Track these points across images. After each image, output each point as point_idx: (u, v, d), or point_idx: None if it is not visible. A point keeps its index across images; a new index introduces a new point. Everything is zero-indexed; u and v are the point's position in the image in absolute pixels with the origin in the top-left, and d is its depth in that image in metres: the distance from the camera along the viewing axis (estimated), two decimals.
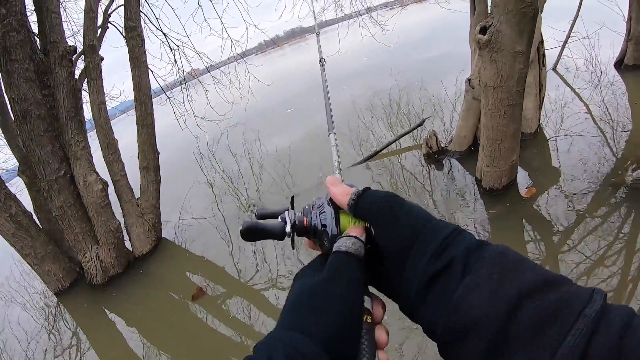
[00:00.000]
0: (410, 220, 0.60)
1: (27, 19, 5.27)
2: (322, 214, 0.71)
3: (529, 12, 3.73)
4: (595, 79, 7.32)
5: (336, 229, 0.69)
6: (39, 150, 5.35)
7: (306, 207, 0.74)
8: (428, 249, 0.56)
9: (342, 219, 0.69)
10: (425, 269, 0.55)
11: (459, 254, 0.53)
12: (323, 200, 0.74)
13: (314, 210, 0.73)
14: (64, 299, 6.20)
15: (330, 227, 0.69)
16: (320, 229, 0.70)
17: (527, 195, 4.59)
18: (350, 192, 0.68)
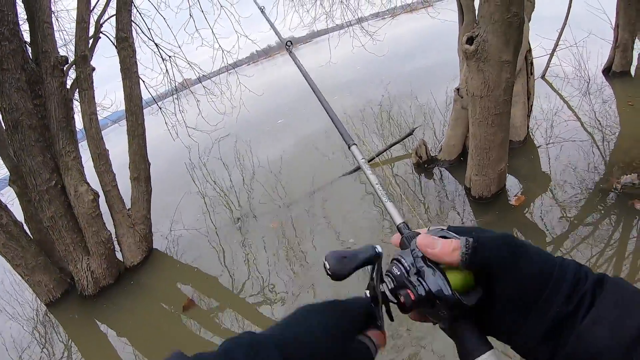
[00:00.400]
0: (537, 265, 0.59)
1: (19, 28, 5.29)
2: (426, 279, 0.61)
3: (515, 22, 3.78)
4: (583, 86, 7.42)
5: (450, 292, 0.59)
6: (30, 160, 5.33)
7: (397, 273, 0.64)
8: (561, 291, 0.56)
9: (451, 277, 0.61)
10: (558, 311, 0.55)
11: (589, 290, 0.55)
12: (410, 260, 0.65)
13: (411, 276, 0.63)
14: (55, 309, 6.15)
15: (446, 292, 0.59)
16: (434, 297, 0.60)
17: (516, 203, 4.63)
18: (455, 245, 0.61)
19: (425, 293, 0.60)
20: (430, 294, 0.60)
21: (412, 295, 0.61)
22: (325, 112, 1.20)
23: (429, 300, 0.60)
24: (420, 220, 4.95)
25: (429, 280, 0.61)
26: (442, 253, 0.61)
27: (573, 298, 0.55)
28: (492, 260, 0.59)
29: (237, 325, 4.40)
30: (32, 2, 5.53)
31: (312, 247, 5.25)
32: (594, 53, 8.04)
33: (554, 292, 0.56)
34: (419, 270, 0.63)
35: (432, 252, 0.62)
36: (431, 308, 0.61)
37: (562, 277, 0.57)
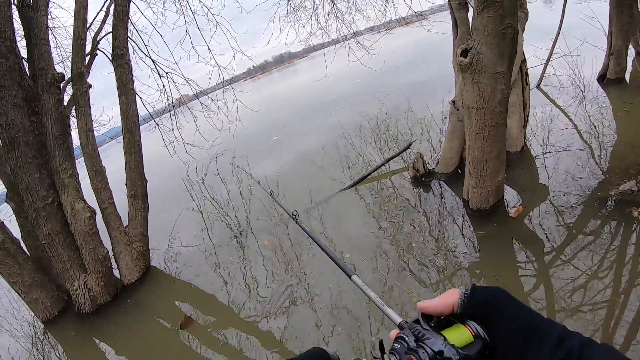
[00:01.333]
0: (527, 314, 0.65)
1: (16, 45, 5.31)
2: (427, 341, 0.66)
3: (509, 34, 3.80)
4: (579, 95, 7.46)
5: (453, 350, 0.63)
6: (26, 177, 5.33)
7: (398, 347, 0.69)
8: (548, 342, 0.60)
9: (449, 335, 0.66)
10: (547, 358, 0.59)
11: (575, 346, 0.58)
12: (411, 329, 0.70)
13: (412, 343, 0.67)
14: (52, 327, 6.11)
15: (448, 349, 0.64)
16: (436, 358, 0.63)
17: (514, 214, 4.62)
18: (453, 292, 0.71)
19: (428, 357, 0.64)
20: (432, 356, 0.63)
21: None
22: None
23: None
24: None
25: (430, 343, 0.65)
26: (437, 304, 0.70)
27: (561, 348, 0.59)
28: (487, 303, 0.67)
29: (235, 342, 4.36)
30: (29, 19, 5.57)
31: (309, 262, 5.23)
32: (589, 61, 8.10)
33: (543, 339, 0.61)
34: (419, 338, 0.67)
35: (432, 304, 0.70)
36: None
37: (550, 329, 0.62)
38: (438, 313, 0.70)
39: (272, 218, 6.94)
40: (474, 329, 0.66)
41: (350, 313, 4.01)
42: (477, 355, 0.63)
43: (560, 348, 0.59)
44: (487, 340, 0.65)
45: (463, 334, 0.65)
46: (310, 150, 10.24)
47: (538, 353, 0.60)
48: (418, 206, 5.65)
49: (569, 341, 0.59)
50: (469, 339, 0.65)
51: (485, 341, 0.65)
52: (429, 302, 0.71)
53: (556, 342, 0.60)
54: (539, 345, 0.61)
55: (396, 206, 5.83)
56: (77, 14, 5.77)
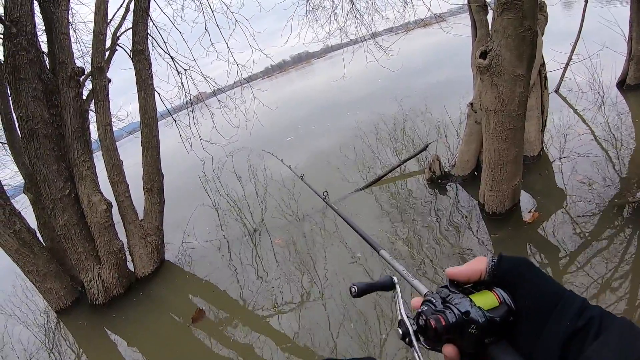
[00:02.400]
0: (551, 284, 0.67)
1: (37, 39, 5.37)
2: (454, 302, 0.67)
3: (528, 36, 3.77)
4: (598, 100, 7.35)
5: (480, 312, 0.65)
6: (44, 169, 5.40)
7: (426, 309, 0.69)
8: (571, 310, 0.62)
9: (476, 299, 0.67)
10: (568, 325, 0.60)
11: (596, 315, 0.60)
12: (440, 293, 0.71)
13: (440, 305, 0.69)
14: (65, 317, 6.19)
15: (474, 310, 0.65)
16: (462, 318, 0.65)
17: (530, 220, 4.57)
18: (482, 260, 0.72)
19: (455, 317, 0.65)
20: (459, 316, 0.65)
21: (442, 320, 0.65)
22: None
23: (458, 324, 0.64)
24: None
25: (456, 304, 0.66)
26: (466, 270, 0.71)
27: (583, 316, 0.60)
28: (513, 271, 0.68)
29: (246, 337, 4.38)
30: (50, 14, 5.64)
31: (323, 261, 5.23)
32: (608, 66, 7.99)
33: (566, 307, 0.62)
34: (446, 300, 0.69)
35: (457, 272, 0.72)
36: (461, 334, 0.65)
37: (572, 298, 0.64)
38: (465, 279, 0.72)
39: (286, 216, 6.95)
40: (499, 295, 0.67)
41: (360, 312, 4.00)
42: (501, 319, 0.64)
43: (582, 317, 0.60)
44: (512, 306, 0.66)
45: (489, 299, 0.67)
46: (326, 150, 10.25)
47: (560, 320, 0.61)
48: (433, 208, 5.62)
49: (589, 311, 0.61)
50: (494, 304, 0.66)
51: (510, 307, 0.66)
52: (458, 269, 0.72)
53: (578, 311, 0.61)
54: (561, 313, 0.62)
55: (411, 207, 5.81)
56: (97, 10, 5.84)
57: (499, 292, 0.68)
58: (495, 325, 0.64)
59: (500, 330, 0.65)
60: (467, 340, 0.65)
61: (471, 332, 0.64)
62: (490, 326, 0.64)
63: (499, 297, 0.67)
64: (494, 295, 0.67)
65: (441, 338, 0.66)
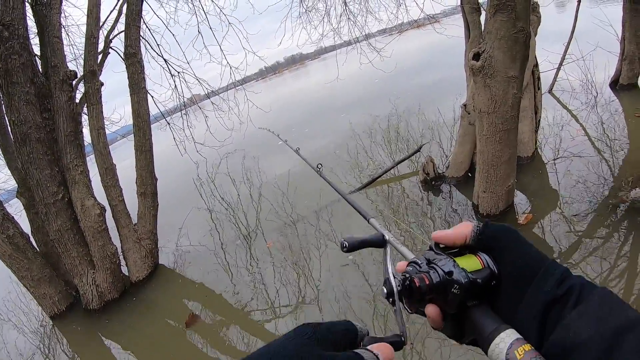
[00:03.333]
0: (534, 252, 0.67)
1: (29, 42, 5.36)
2: (438, 262, 0.68)
3: (521, 37, 3.78)
4: (591, 100, 7.39)
5: (463, 273, 0.65)
6: (37, 173, 5.37)
7: (411, 269, 0.70)
8: (552, 278, 0.62)
9: (461, 262, 0.67)
10: (548, 292, 0.61)
11: (576, 284, 0.60)
12: (425, 255, 0.72)
13: (424, 266, 0.69)
14: (59, 322, 6.15)
15: (457, 271, 0.66)
16: (445, 278, 0.65)
17: (523, 221, 4.57)
18: (467, 224, 0.72)
19: (438, 276, 0.65)
20: (442, 276, 0.65)
21: (426, 279, 0.65)
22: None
23: (442, 284, 0.64)
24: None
25: (441, 264, 0.67)
26: (451, 233, 0.72)
27: (563, 285, 0.60)
28: (497, 237, 0.69)
29: (241, 341, 4.37)
30: (43, 17, 5.61)
31: (317, 263, 5.22)
32: (601, 66, 8.03)
33: (548, 274, 0.62)
34: (431, 260, 0.69)
35: (443, 234, 0.72)
36: (444, 293, 0.65)
37: (554, 267, 0.63)
38: (451, 243, 0.72)
39: (281, 218, 6.93)
40: (483, 260, 0.68)
41: (356, 314, 4.00)
42: (483, 281, 0.65)
43: (562, 285, 0.60)
44: (494, 271, 0.67)
45: (473, 262, 0.67)
46: (320, 151, 10.23)
47: (540, 288, 0.62)
48: (427, 210, 5.62)
49: (570, 280, 0.61)
50: (477, 267, 0.67)
51: (493, 272, 0.67)
52: (444, 232, 0.73)
53: (559, 279, 0.61)
54: (542, 280, 0.62)
55: (406, 209, 5.81)
56: (90, 13, 5.82)
57: (482, 256, 0.69)
58: (477, 286, 0.65)
59: (482, 292, 0.65)
60: (449, 301, 0.65)
61: (454, 292, 0.64)
62: (473, 287, 0.64)
63: (482, 261, 0.68)
64: (477, 259, 0.68)
65: (424, 298, 0.66)
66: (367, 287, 4.31)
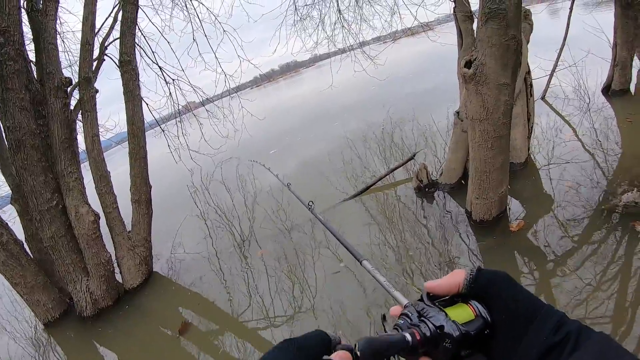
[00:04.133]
0: (528, 298, 0.67)
1: (24, 48, 5.35)
2: (429, 316, 0.67)
3: (513, 45, 3.81)
4: (584, 106, 7.45)
5: (454, 326, 0.65)
6: (31, 180, 5.36)
7: (402, 322, 0.70)
8: (548, 324, 0.62)
9: (451, 312, 0.67)
10: (545, 340, 0.61)
11: (573, 330, 0.60)
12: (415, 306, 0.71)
13: (415, 319, 0.69)
14: (53, 330, 6.12)
15: (448, 324, 0.66)
16: (436, 332, 0.65)
17: (515, 228, 4.58)
18: (460, 272, 0.73)
19: (429, 331, 0.65)
20: (433, 330, 0.65)
21: (417, 335, 0.65)
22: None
23: (433, 338, 0.65)
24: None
25: (432, 318, 0.67)
26: (444, 283, 0.72)
27: (560, 331, 0.61)
28: (491, 285, 0.69)
29: (235, 349, 4.35)
30: (38, 23, 5.62)
31: (312, 270, 5.22)
32: (593, 72, 8.10)
33: (544, 321, 0.63)
34: (422, 314, 0.68)
35: (438, 284, 0.72)
36: (436, 347, 0.65)
37: (550, 313, 0.64)
38: (444, 292, 0.72)
39: (276, 225, 6.93)
40: (475, 309, 0.68)
41: (350, 323, 4.00)
42: (476, 332, 0.65)
43: (559, 332, 0.61)
44: (487, 319, 0.67)
45: (465, 312, 0.68)
46: (315, 159, 10.25)
47: (536, 335, 0.62)
48: (421, 217, 5.64)
49: (567, 326, 0.61)
50: (470, 317, 0.67)
51: (486, 320, 0.67)
52: (436, 282, 0.73)
53: (555, 325, 0.61)
54: (538, 327, 0.63)
55: (399, 216, 5.82)
56: (85, 20, 5.83)
57: (475, 305, 0.69)
58: (469, 338, 0.65)
59: (475, 343, 0.66)
60: (442, 354, 0.65)
61: (445, 346, 0.64)
62: (465, 339, 0.65)
63: (475, 310, 0.68)
64: (470, 308, 0.68)
65: (417, 351, 0.66)
66: (361, 293, 4.32)
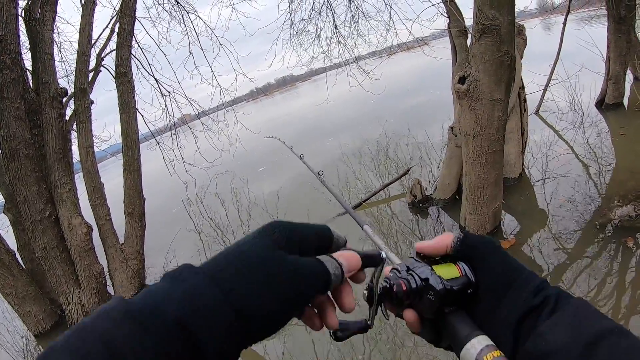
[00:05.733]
0: (512, 262, 0.68)
1: (21, 57, 5.35)
2: (417, 269, 0.69)
3: (506, 61, 3.84)
4: (577, 120, 7.51)
5: (438, 280, 0.67)
6: (25, 190, 5.33)
7: (391, 275, 0.71)
8: (528, 287, 0.63)
9: (438, 269, 0.69)
10: (524, 302, 0.62)
11: (552, 294, 0.61)
12: (407, 263, 0.73)
13: (404, 272, 0.70)
14: (44, 341, 6.06)
15: (434, 278, 0.67)
16: (421, 284, 0.67)
17: (505, 246, 4.54)
18: (448, 235, 0.74)
19: (415, 283, 0.67)
20: (419, 282, 0.67)
21: (403, 285, 0.67)
22: None
23: (418, 290, 0.66)
24: None
25: (419, 271, 0.68)
26: (436, 243, 0.73)
27: (540, 295, 0.62)
28: (477, 247, 0.70)
29: None
30: (35, 33, 5.62)
31: None
32: (587, 86, 8.18)
33: (524, 284, 0.64)
34: (410, 268, 0.70)
35: (428, 244, 0.73)
36: (420, 299, 0.67)
37: (531, 277, 0.65)
38: (433, 253, 0.73)
39: None
40: (462, 268, 0.70)
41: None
42: (459, 289, 0.67)
43: (538, 295, 0.61)
44: (472, 279, 0.68)
45: (451, 270, 0.69)
46: (308, 172, 10.23)
47: (517, 296, 0.63)
48: (415, 232, 5.63)
49: (547, 290, 0.62)
50: (455, 275, 0.68)
51: (470, 280, 0.68)
52: (426, 242, 0.74)
53: (535, 289, 0.62)
54: (519, 289, 0.64)
55: (394, 232, 5.81)
56: (82, 31, 5.85)
57: (461, 265, 0.70)
58: (452, 293, 0.66)
59: (458, 299, 0.67)
60: (426, 306, 0.67)
61: (429, 298, 0.66)
62: (448, 294, 0.66)
63: (460, 270, 0.69)
64: (456, 267, 0.70)
65: (402, 302, 0.68)
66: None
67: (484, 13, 3.76)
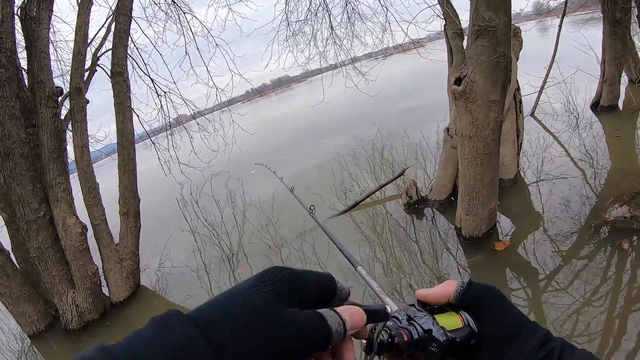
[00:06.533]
0: (516, 314, 0.68)
1: (16, 56, 5.33)
2: (418, 320, 0.67)
3: (502, 62, 3.85)
4: (573, 122, 7.54)
5: (441, 331, 0.65)
6: (19, 189, 5.30)
7: (391, 324, 0.67)
8: (533, 340, 0.63)
9: (440, 319, 0.67)
10: (528, 356, 0.62)
11: (557, 347, 0.61)
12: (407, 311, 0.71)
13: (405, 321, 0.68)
14: (38, 342, 6.01)
15: (436, 329, 0.65)
16: (424, 335, 0.64)
17: (499, 248, 4.57)
18: (451, 283, 0.72)
19: (417, 334, 0.64)
20: (421, 333, 0.64)
21: (405, 336, 0.64)
22: None
23: (420, 341, 0.64)
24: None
25: (421, 322, 0.66)
26: (435, 292, 0.71)
27: (544, 347, 0.62)
28: (481, 297, 0.70)
29: None
30: (31, 31, 5.59)
31: None
32: (582, 88, 8.22)
33: (528, 337, 0.64)
34: (411, 317, 0.68)
35: (429, 293, 0.72)
36: (422, 351, 0.64)
37: (535, 329, 0.65)
38: (434, 301, 0.72)
39: (265, 241, 6.89)
40: (464, 318, 0.69)
41: None
42: (462, 339, 0.66)
43: (543, 348, 0.61)
44: (475, 330, 0.68)
45: (453, 320, 0.68)
46: (303, 173, 10.23)
47: (521, 349, 0.63)
48: (411, 233, 5.64)
49: (551, 343, 0.62)
50: (458, 325, 0.67)
51: (473, 330, 0.67)
52: (427, 290, 0.72)
53: (539, 342, 0.62)
54: (523, 342, 0.63)
55: (389, 232, 5.81)
56: (78, 30, 5.83)
57: (464, 315, 0.69)
58: (455, 345, 0.65)
59: (461, 351, 0.66)
60: (428, 358, 0.65)
61: (432, 350, 0.64)
62: (451, 346, 0.65)
63: (463, 320, 0.68)
64: (458, 317, 0.69)
65: (403, 354, 0.65)
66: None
67: (480, 14, 3.76)
